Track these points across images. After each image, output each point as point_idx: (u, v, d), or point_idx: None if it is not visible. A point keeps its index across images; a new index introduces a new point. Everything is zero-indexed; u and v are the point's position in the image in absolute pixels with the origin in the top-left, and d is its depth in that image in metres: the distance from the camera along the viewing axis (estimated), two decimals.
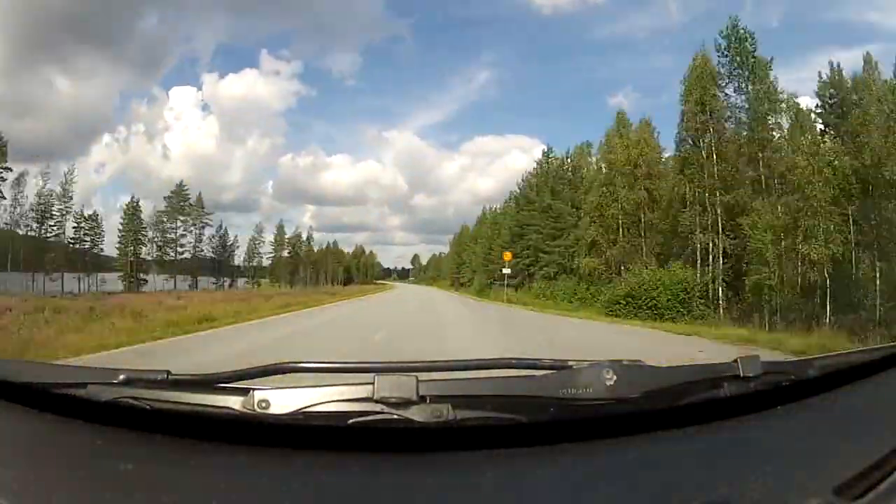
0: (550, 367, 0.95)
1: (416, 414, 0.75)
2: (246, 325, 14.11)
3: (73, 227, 38.18)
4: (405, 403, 0.75)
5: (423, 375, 0.79)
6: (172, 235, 44.13)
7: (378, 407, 0.75)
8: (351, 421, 0.75)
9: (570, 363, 0.94)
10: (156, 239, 42.24)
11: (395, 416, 0.75)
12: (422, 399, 0.76)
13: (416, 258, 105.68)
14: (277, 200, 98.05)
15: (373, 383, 0.76)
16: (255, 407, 0.76)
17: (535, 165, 38.95)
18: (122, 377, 0.83)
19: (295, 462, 0.74)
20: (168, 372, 0.85)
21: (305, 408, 0.76)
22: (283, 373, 0.91)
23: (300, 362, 0.92)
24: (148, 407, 0.77)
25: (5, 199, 33.65)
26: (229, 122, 79.25)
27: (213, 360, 7.22)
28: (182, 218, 45.54)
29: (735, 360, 0.91)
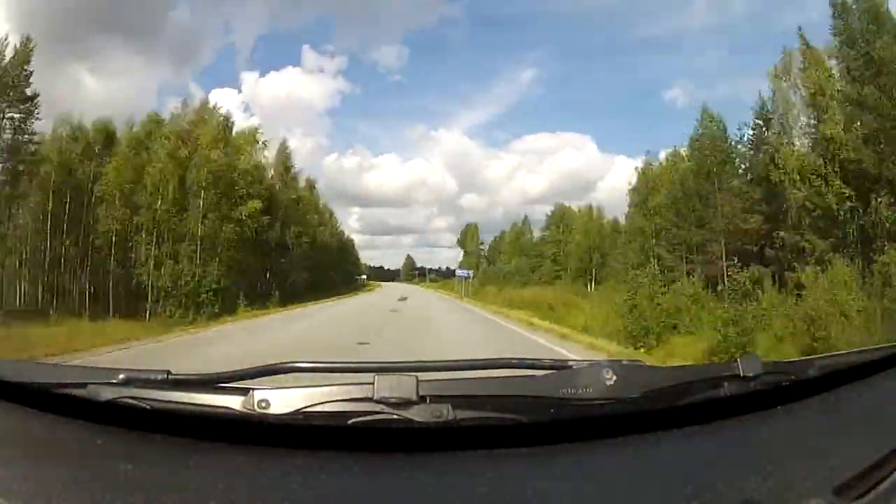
0: (550, 367, 0.95)
1: (416, 414, 0.75)
2: None
3: None
4: (405, 403, 0.75)
5: (423, 375, 0.79)
6: None
7: (378, 407, 0.75)
8: (351, 421, 0.75)
9: (570, 363, 0.94)
10: None
11: (395, 416, 0.75)
12: (422, 399, 0.76)
13: (468, 232, 53.43)
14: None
15: (373, 383, 0.76)
16: (255, 407, 0.76)
17: None
18: (121, 377, 0.83)
19: (295, 462, 0.74)
20: (168, 372, 0.85)
21: (305, 408, 0.76)
22: (283, 373, 0.91)
23: (300, 362, 0.92)
24: (148, 407, 0.77)
25: None
26: (271, 122, 69.60)
27: None
28: None
29: (735, 360, 0.91)
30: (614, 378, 0.82)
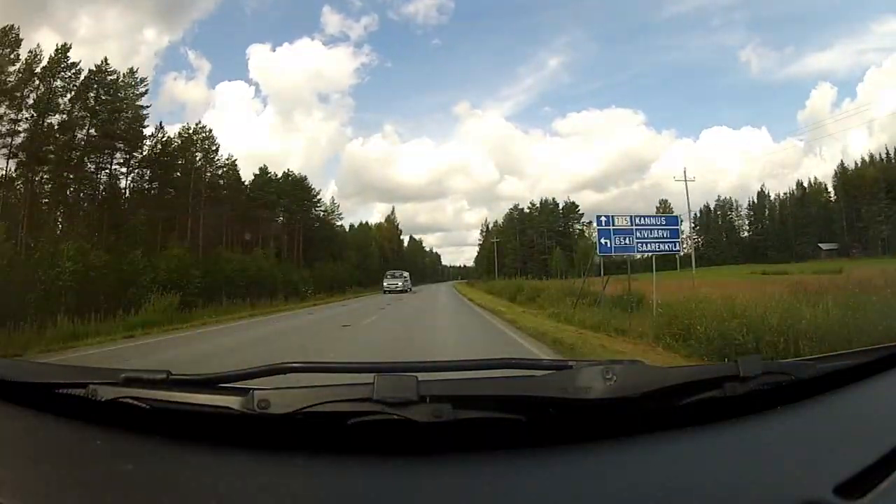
0: (550, 367, 0.95)
1: (416, 414, 0.75)
2: None
3: None
4: (405, 403, 0.75)
5: (424, 375, 0.79)
6: None
7: (378, 407, 0.75)
8: (351, 421, 0.75)
9: (570, 363, 0.94)
10: None
11: (395, 417, 0.75)
12: (422, 399, 0.75)
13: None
14: (343, 198, 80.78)
15: (373, 383, 0.76)
16: (255, 407, 0.76)
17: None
18: (122, 377, 0.83)
19: (295, 462, 0.74)
20: (168, 372, 0.85)
21: (305, 408, 0.76)
22: (284, 373, 0.91)
23: (300, 362, 0.92)
24: (148, 407, 0.77)
25: None
26: (286, 104, 61.90)
27: None
28: None
29: (735, 360, 0.91)
30: (614, 378, 0.82)
